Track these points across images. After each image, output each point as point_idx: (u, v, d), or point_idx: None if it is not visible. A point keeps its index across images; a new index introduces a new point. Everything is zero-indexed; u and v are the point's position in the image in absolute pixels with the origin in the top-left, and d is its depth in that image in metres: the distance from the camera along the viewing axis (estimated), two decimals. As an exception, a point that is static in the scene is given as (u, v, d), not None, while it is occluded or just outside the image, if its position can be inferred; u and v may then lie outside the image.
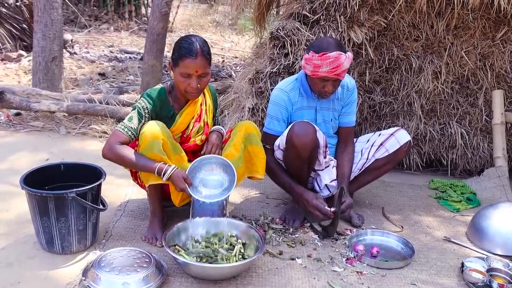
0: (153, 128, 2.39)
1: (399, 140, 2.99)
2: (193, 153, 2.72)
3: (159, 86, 2.61)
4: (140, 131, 2.44)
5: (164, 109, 2.57)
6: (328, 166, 2.96)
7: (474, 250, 2.86)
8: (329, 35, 3.58)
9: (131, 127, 2.45)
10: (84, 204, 2.34)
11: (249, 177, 2.76)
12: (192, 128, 2.65)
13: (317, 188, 3.01)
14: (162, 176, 2.35)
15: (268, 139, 2.93)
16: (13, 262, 2.35)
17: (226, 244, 2.45)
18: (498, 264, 2.63)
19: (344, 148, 3.07)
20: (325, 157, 2.89)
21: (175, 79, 2.50)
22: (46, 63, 4.95)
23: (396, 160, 3.05)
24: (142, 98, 2.54)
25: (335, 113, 3.04)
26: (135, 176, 2.68)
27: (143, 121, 2.48)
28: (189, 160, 2.61)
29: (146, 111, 2.50)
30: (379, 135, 3.09)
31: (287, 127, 2.86)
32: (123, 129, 2.44)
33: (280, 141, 2.84)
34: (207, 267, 2.27)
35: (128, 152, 2.39)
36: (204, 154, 2.62)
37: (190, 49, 2.40)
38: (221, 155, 2.62)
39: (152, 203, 2.66)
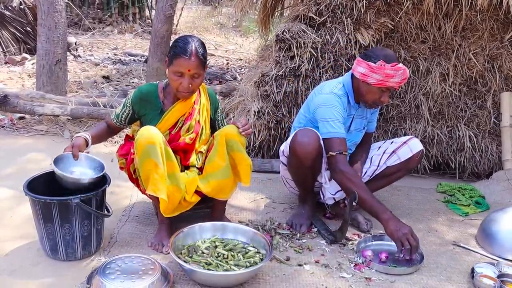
0: (147, 133, 2.39)
1: (412, 149, 2.96)
2: (184, 152, 2.67)
3: (155, 82, 2.73)
4: (121, 118, 2.68)
5: (153, 104, 2.63)
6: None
7: (484, 255, 2.82)
8: (335, 38, 3.55)
9: (114, 112, 2.73)
10: (89, 210, 2.31)
11: None
12: (181, 126, 2.63)
13: (322, 197, 2.99)
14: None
15: (335, 144, 2.69)
16: (17, 269, 2.32)
17: (232, 251, 2.42)
18: (509, 269, 2.58)
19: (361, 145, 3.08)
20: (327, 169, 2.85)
21: (169, 77, 2.56)
22: (50, 66, 4.92)
23: (407, 168, 3.02)
24: None
25: (364, 121, 3.03)
26: (136, 183, 2.65)
27: (124, 109, 2.67)
28: (181, 161, 2.63)
29: (129, 101, 2.65)
30: (391, 142, 3.06)
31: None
32: (111, 113, 2.75)
33: (285, 147, 2.80)
34: (214, 274, 2.24)
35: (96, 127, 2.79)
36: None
37: (185, 49, 2.47)
38: (204, 164, 2.65)
39: (158, 209, 2.62)
